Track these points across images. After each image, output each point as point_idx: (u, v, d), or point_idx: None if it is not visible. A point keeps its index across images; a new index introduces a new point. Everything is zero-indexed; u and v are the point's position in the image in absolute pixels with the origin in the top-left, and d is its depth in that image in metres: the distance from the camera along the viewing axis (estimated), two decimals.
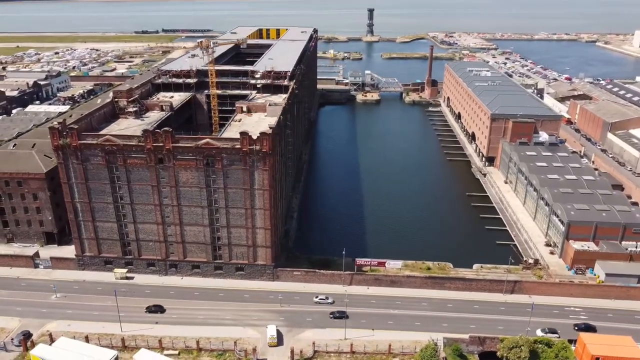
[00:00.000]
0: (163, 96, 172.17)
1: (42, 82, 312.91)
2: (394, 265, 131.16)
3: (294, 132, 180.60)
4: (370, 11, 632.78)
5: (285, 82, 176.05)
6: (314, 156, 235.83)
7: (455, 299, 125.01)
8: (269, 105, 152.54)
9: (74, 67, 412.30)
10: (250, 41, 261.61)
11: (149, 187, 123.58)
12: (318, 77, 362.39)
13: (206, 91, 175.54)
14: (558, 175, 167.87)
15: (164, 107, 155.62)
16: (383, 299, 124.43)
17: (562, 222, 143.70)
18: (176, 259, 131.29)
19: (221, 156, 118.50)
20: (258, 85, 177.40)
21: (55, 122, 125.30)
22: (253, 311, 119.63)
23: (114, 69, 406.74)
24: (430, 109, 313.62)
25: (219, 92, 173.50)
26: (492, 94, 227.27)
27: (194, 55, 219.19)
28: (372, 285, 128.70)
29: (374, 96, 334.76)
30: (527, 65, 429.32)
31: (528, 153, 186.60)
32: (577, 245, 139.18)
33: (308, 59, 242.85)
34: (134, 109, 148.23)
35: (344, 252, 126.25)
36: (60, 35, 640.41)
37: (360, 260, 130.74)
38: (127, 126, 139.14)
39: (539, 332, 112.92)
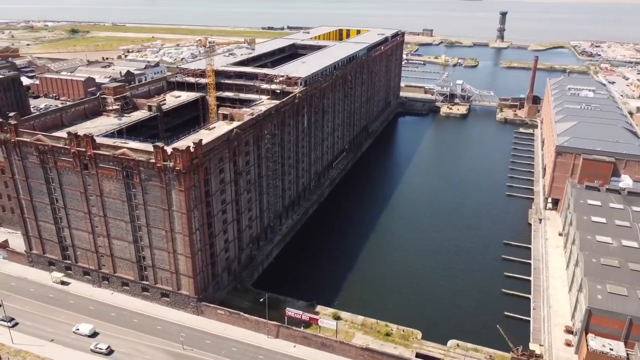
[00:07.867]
0: (171, 95, 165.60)
1: (137, 72, 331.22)
2: (327, 325, 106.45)
3: (294, 144, 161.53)
4: (503, 14, 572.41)
5: (297, 89, 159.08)
6: (354, 172, 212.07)
7: None
8: (249, 114, 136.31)
9: (182, 59, 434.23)
10: (310, 42, 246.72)
11: (78, 193, 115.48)
12: (406, 84, 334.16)
13: (219, 92, 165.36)
14: (612, 239, 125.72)
15: (152, 108, 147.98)
16: None
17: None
18: (107, 272, 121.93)
19: (138, 169, 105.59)
20: (277, 91, 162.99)
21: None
22: (150, 347, 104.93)
23: None
24: (522, 130, 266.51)
25: (230, 94, 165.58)
26: (572, 120, 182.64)
27: (231, 54, 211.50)
28: (300, 344, 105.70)
29: (460, 109, 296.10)
30: None
31: (589, 201, 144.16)
32: (595, 342, 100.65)
33: (362, 63, 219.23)
34: (116, 106, 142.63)
35: (263, 299, 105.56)
36: (192, 28, 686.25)
37: (289, 312, 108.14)
38: (100, 124, 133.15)
39: None
